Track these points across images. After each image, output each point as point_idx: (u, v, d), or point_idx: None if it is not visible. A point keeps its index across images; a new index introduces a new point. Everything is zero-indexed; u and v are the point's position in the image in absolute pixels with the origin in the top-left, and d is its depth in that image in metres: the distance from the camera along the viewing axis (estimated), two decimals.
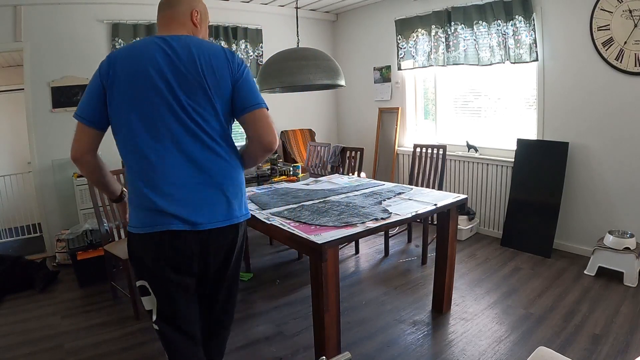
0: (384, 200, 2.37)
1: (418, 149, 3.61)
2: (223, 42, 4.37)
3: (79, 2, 3.65)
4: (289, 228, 1.92)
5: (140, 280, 1.32)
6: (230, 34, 4.41)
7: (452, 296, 2.60)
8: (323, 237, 1.76)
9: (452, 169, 4.17)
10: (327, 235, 1.77)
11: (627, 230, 2.96)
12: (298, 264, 3.44)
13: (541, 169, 3.43)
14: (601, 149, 3.14)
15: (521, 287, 2.84)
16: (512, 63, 3.50)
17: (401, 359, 2.11)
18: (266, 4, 4.64)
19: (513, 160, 3.61)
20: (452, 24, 3.85)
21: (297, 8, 3.57)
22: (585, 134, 3.21)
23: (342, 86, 2.88)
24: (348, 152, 3.82)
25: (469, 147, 3.98)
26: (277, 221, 2.04)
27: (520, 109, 3.72)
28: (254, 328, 2.46)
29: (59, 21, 3.60)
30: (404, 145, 4.75)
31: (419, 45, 4.26)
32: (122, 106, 1.23)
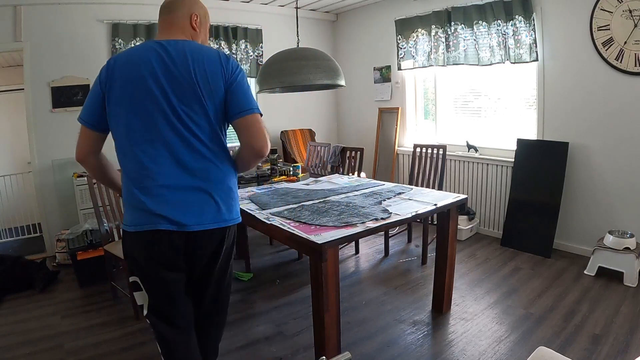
0: (384, 200, 2.37)
1: (418, 149, 3.60)
2: (223, 42, 4.37)
3: (79, 2, 3.65)
4: (289, 228, 1.92)
5: (132, 276, 1.37)
6: (230, 34, 4.41)
7: (452, 296, 2.60)
8: (323, 237, 1.76)
9: (452, 169, 4.17)
10: (327, 235, 1.77)
11: (627, 230, 2.96)
12: (298, 264, 3.44)
13: (541, 169, 3.43)
14: (601, 149, 3.14)
15: (521, 287, 2.84)
16: (512, 63, 3.50)
17: (401, 359, 2.11)
18: (266, 4, 4.64)
19: (513, 160, 3.61)
20: (452, 24, 3.85)
21: (297, 8, 3.58)
22: (585, 134, 3.21)
23: (342, 86, 2.88)
24: (348, 152, 3.82)
25: (469, 147, 3.98)
26: (277, 221, 2.04)
27: (520, 109, 3.71)
28: (254, 328, 2.46)
29: (58, 21, 3.60)
30: (404, 145, 4.75)
31: (419, 45, 4.26)
32: (119, 111, 1.27)
